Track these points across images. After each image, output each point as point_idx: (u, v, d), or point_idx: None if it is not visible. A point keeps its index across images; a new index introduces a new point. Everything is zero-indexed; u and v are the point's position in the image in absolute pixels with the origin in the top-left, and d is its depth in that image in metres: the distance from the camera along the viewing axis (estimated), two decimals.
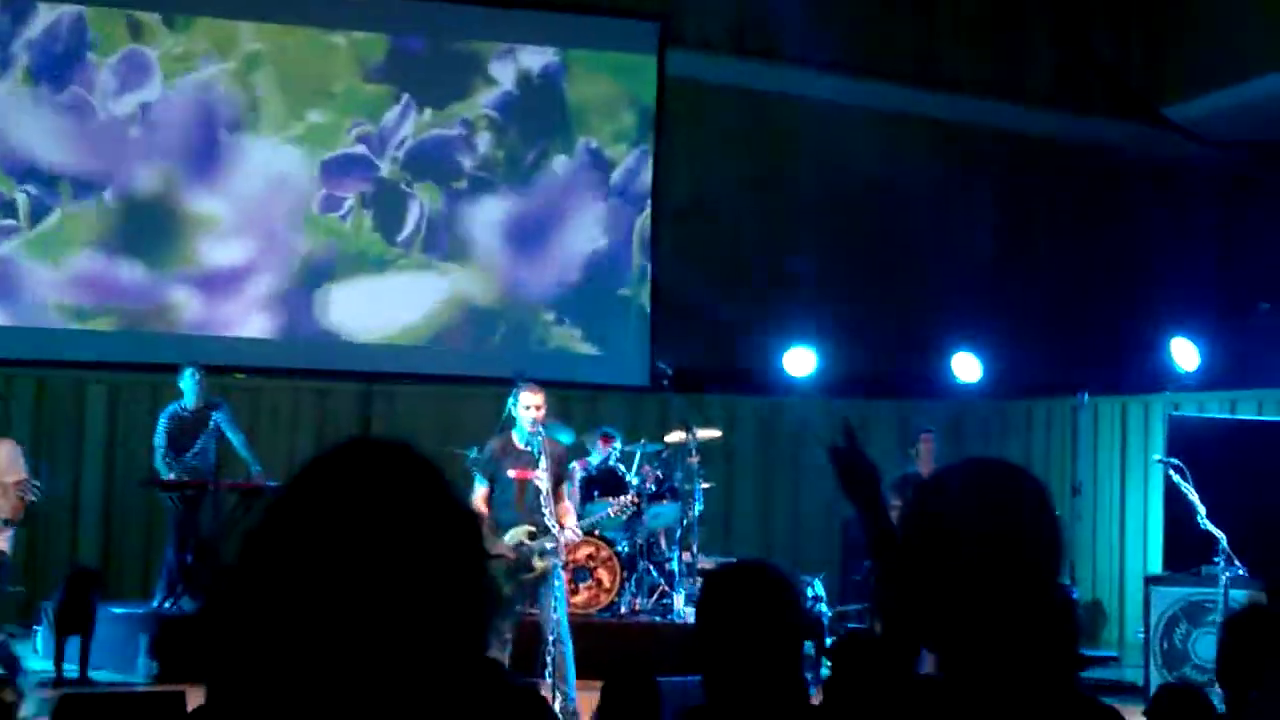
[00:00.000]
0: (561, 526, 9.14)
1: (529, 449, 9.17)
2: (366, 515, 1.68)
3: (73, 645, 10.39)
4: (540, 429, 9.15)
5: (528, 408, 9.13)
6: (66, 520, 13.20)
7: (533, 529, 9.11)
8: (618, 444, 12.59)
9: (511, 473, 9.21)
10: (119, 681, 10.35)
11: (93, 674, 10.38)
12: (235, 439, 11.74)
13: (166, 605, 11.22)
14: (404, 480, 1.73)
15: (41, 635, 11.23)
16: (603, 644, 10.28)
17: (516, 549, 9.10)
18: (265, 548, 1.70)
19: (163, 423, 11.66)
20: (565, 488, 9.56)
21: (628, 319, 14.50)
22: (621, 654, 9.94)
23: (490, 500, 9.24)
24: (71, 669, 10.30)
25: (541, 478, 9.07)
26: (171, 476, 11.53)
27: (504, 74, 14.44)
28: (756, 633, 3.11)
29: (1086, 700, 2.32)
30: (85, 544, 13.17)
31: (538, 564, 9.10)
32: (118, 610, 11.18)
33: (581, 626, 10.18)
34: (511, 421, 9.38)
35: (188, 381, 11.65)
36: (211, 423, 11.69)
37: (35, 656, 11.03)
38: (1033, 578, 2.28)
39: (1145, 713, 5.06)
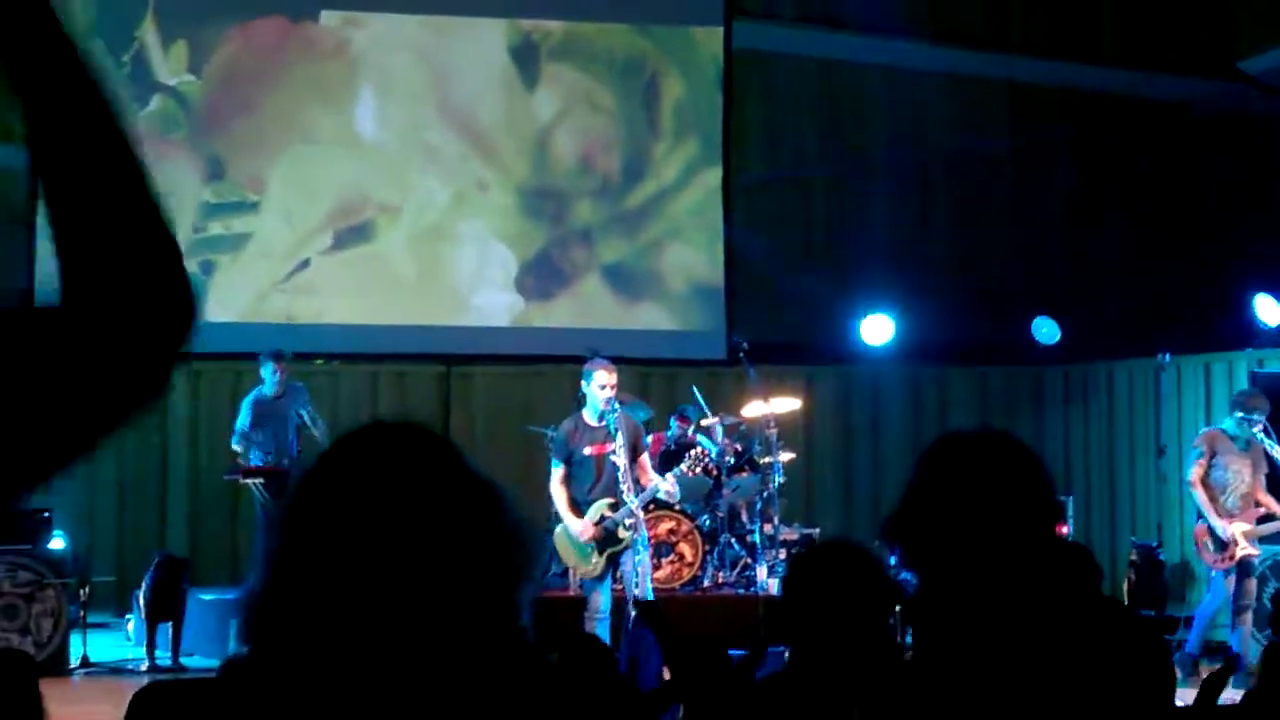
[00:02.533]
0: (643, 487, 9.24)
1: (603, 425, 9.24)
2: (379, 497, 1.72)
3: (164, 632, 10.55)
4: (615, 405, 9.21)
5: (602, 386, 9.20)
6: (154, 509, 13.39)
7: (613, 501, 9.21)
8: (690, 425, 12.59)
9: (588, 450, 9.30)
10: (211, 667, 10.49)
11: (184, 660, 10.55)
12: (316, 427, 11.85)
13: None
14: (417, 460, 1.76)
15: (133, 623, 11.41)
16: (687, 618, 10.31)
17: (599, 523, 9.20)
18: (287, 532, 1.74)
19: (247, 408, 11.79)
20: (645, 459, 9.60)
21: (705, 292, 14.48)
22: (706, 627, 9.99)
23: (569, 480, 9.37)
24: (164, 656, 10.46)
25: (618, 453, 9.13)
26: (256, 462, 11.66)
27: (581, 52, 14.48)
28: (843, 608, 3.20)
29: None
30: (173, 532, 13.34)
31: (623, 534, 9.19)
32: (207, 596, 11.33)
33: (665, 601, 10.24)
34: (585, 400, 9.46)
35: (266, 370, 11.79)
36: (291, 409, 11.83)
37: (128, 644, 11.21)
38: (1020, 535, 2.45)
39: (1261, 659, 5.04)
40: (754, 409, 12.67)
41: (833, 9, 14.92)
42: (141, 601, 10.77)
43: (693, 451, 10.27)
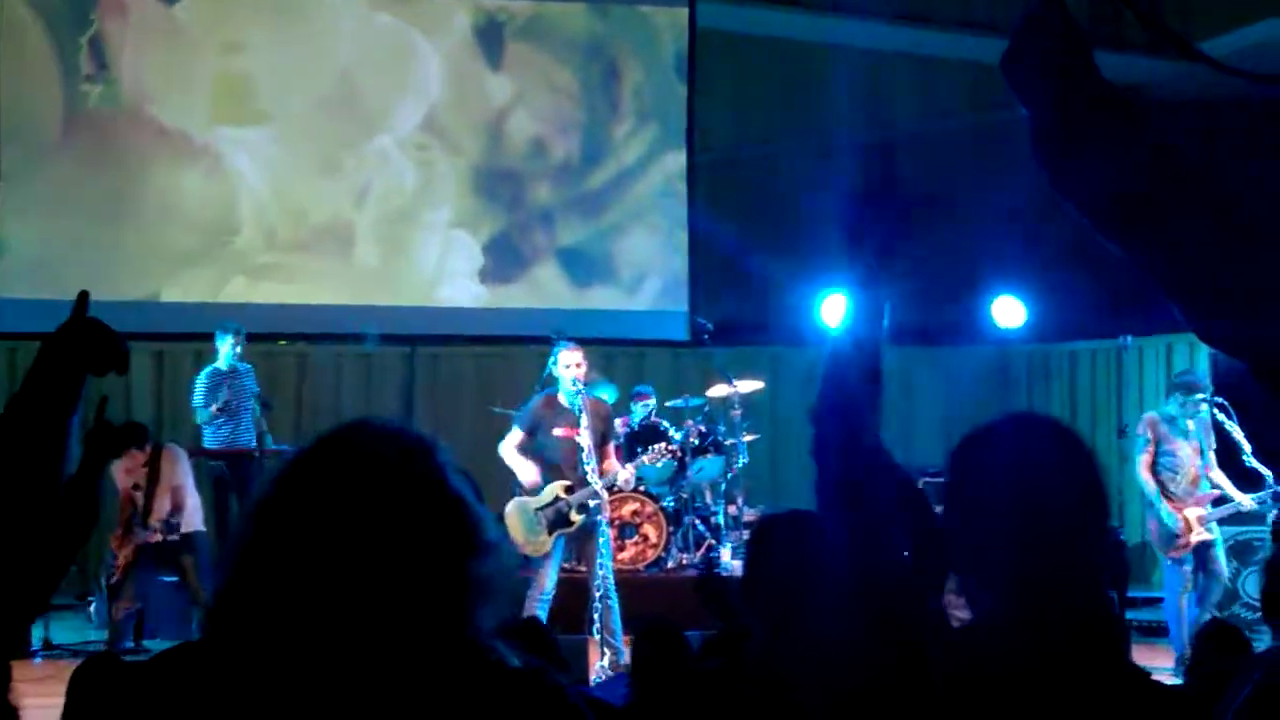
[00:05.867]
0: (603, 474, 9.25)
1: (572, 408, 9.24)
2: (354, 500, 1.71)
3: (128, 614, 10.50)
4: (581, 387, 9.21)
5: (568, 366, 9.21)
6: None
7: (568, 484, 9.22)
8: (652, 400, 12.61)
9: (557, 431, 9.31)
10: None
11: (147, 643, 10.50)
12: (262, 414, 11.87)
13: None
14: (393, 464, 1.75)
15: (96, 607, 11.35)
16: (650, 599, 10.32)
17: (552, 504, 9.22)
18: (263, 526, 1.73)
19: (203, 379, 11.75)
20: (611, 445, 9.63)
21: (668, 273, 14.47)
22: (670, 609, 10.01)
23: (530, 454, 9.38)
24: (127, 638, 10.41)
25: (584, 435, 9.14)
26: (212, 439, 11.66)
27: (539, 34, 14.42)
28: (801, 576, 3.16)
29: (1133, 670, 2.32)
30: None
31: (574, 518, 9.20)
32: (169, 579, 11.27)
33: (629, 582, 10.24)
34: (554, 381, 9.46)
35: (224, 343, 11.76)
36: (245, 388, 11.80)
37: (90, 627, 11.16)
38: (1074, 532, 2.28)
39: (1191, 644, 5.06)
40: (718, 390, 12.69)
41: None
42: (104, 584, 10.72)
43: (657, 446, 10.30)
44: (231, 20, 13.81)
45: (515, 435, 9.45)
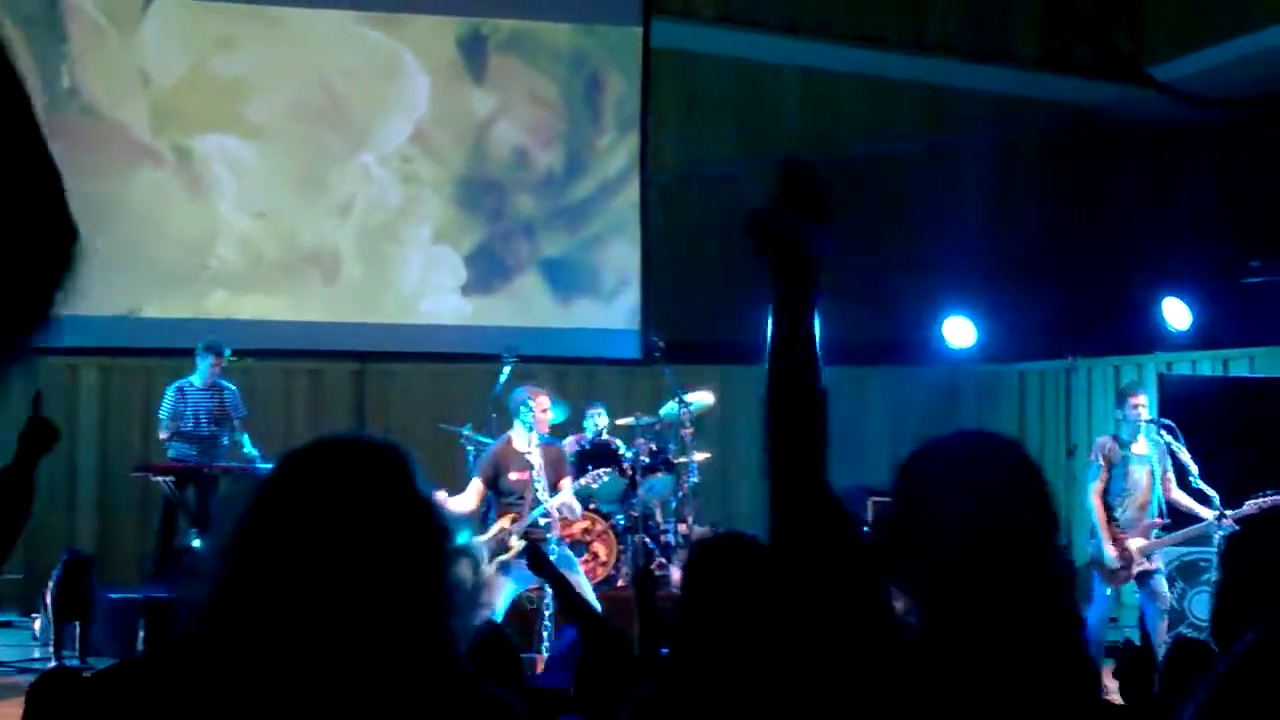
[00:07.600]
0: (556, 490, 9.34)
1: (531, 450, 9.36)
2: (331, 516, 1.71)
3: (72, 632, 10.41)
4: (546, 433, 9.44)
5: (545, 410, 9.38)
6: (63, 507, 13.17)
7: (515, 515, 9.32)
8: (602, 412, 12.57)
9: (514, 475, 9.40)
10: None
11: (92, 660, 10.40)
12: (238, 434, 11.89)
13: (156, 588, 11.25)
14: (366, 481, 1.75)
15: (40, 622, 11.24)
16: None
17: (496, 534, 9.31)
18: (241, 545, 1.72)
19: (169, 394, 11.81)
20: (566, 482, 9.72)
21: (620, 291, 14.47)
22: (620, 626, 9.99)
23: (488, 499, 9.53)
24: (71, 656, 10.32)
25: (538, 478, 9.27)
26: (177, 454, 11.65)
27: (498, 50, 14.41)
28: (736, 603, 3.13)
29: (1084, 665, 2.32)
30: (81, 530, 13.15)
31: (513, 544, 9.28)
32: (115, 595, 11.18)
33: None
34: (508, 412, 9.60)
35: (202, 362, 11.89)
36: (213, 405, 11.82)
37: (35, 644, 11.05)
38: (1023, 549, 2.28)
39: (1161, 663, 5.09)
40: (669, 408, 12.68)
41: (753, 10, 14.96)
42: (49, 600, 10.61)
43: (596, 471, 10.39)
44: (216, 32, 13.74)
45: (475, 485, 9.59)
